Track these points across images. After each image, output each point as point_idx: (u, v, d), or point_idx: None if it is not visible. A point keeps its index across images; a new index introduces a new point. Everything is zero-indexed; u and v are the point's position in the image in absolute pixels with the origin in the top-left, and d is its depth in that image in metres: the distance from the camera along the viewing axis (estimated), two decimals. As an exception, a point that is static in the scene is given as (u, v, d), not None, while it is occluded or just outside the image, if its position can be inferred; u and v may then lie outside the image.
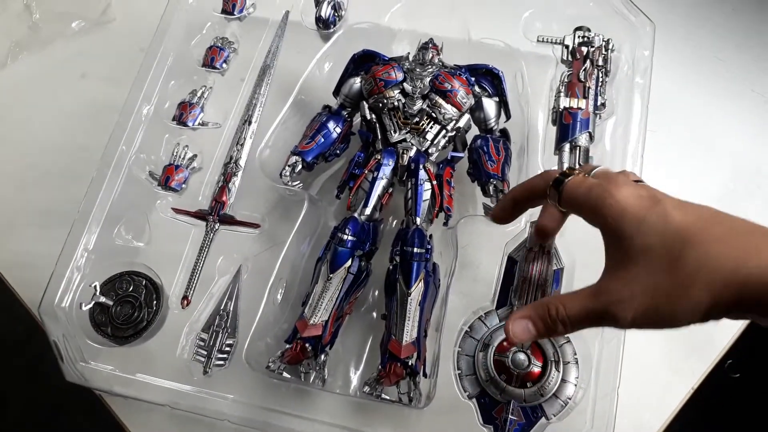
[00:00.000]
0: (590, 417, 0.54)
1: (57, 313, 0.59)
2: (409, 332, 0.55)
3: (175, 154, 0.68)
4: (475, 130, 0.65)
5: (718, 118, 0.75)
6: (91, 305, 0.59)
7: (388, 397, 0.54)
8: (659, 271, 0.33)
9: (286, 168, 0.63)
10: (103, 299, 0.60)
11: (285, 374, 0.56)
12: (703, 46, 0.79)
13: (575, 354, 0.55)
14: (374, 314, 0.62)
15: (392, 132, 0.61)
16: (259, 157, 0.68)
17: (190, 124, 0.69)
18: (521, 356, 0.54)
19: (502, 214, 0.47)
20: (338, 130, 0.64)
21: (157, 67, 0.70)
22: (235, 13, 0.74)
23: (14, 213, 0.74)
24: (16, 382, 1.27)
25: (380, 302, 0.61)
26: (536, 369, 0.54)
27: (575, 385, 0.54)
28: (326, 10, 0.71)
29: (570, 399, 0.54)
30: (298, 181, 0.66)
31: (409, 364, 0.54)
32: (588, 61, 0.64)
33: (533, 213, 0.60)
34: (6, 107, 0.81)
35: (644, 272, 0.34)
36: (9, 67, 0.83)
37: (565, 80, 0.64)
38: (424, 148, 0.61)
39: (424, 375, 0.56)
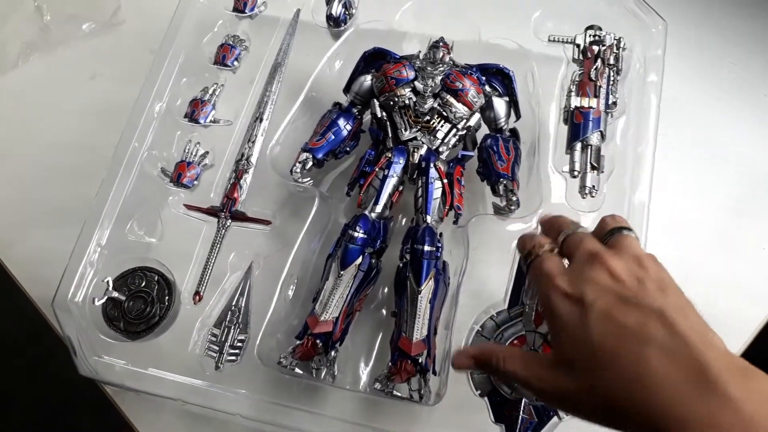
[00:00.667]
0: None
1: (70, 308, 0.59)
2: (420, 330, 0.55)
3: (186, 150, 0.68)
4: (485, 129, 0.65)
5: (729, 121, 0.75)
6: (103, 300, 0.60)
7: (399, 394, 0.54)
8: (575, 377, 0.36)
9: (297, 165, 0.63)
10: (115, 294, 0.60)
11: (297, 370, 0.56)
12: (714, 49, 0.79)
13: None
14: (384, 311, 0.62)
15: (403, 130, 0.62)
16: (269, 154, 0.68)
17: (201, 121, 0.69)
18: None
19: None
20: (348, 127, 0.65)
21: (169, 65, 0.70)
22: (247, 11, 0.74)
23: (24, 211, 0.75)
24: (24, 380, 1.28)
25: (390, 299, 0.62)
26: (547, 367, 0.54)
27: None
28: (337, 9, 0.71)
29: (581, 397, 0.54)
30: (309, 178, 0.66)
31: (419, 361, 0.54)
32: (599, 60, 0.64)
33: (544, 210, 0.61)
34: (17, 108, 0.81)
35: (568, 375, 0.36)
36: (20, 68, 0.84)
37: (576, 79, 0.64)
38: (434, 147, 0.61)
39: (434, 372, 0.56)
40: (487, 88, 0.63)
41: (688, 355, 0.33)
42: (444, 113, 0.61)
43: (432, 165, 0.60)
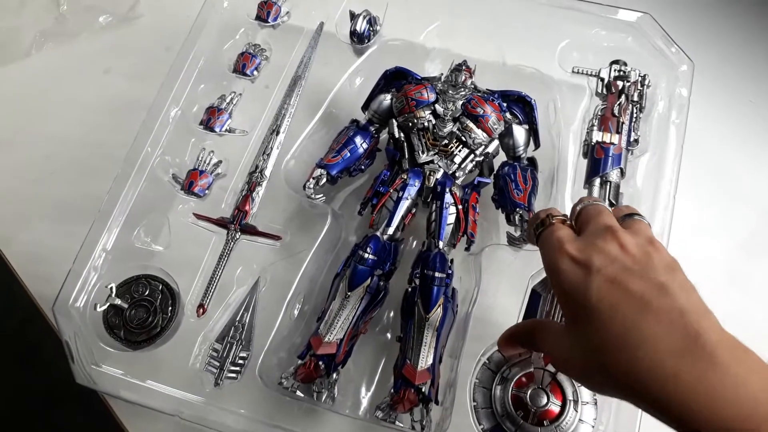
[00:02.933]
0: (606, 460, 0.53)
1: (71, 313, 0.58)
2: (425, 358, 0.54)
3: (200, 158, 0.67)
4: (502, 156, 0.64)
5: (747, 159, 0.74)
6: (105, 307, 0.59)
7: (401, 425, 0.53)
8: (577, 342, 0.37)
9: (311, 180, 0.62)
10: (118, 301, 0.59)
11: (298, 393, 0.55)
12: (735, 87, 0.78)
13: (595, 394, 0.54)
14: (388, 335, 0.61)
15: (420, 152, 0.61)
16: (284, 168, 0.67)
17: (217, 129, 0.68)
18: (540, 393, 0.53)
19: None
20: (365, 145, 0.64)
21: (187, 69, 0.69)
22: (270, 20, 0.74)
23: (29, 205, 0.74)
24: (15, 376, 1.26)
25: (395, 323, 0.61)
26: (554, 408, 0.53)
27: (592, 427, 0.53)
28: (361, 25, 0.71)
29: (586, 440, 0.53)
30: (321, 194, 0.65)
31: (422, 390, 0.53)
32: (623, 96, 0.63)
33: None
34: (26, 96, 0.80)
35: (574, 339, 0.38)
36: (33, 57, 0.83)
37: (599, 114, 0.64)
38: (451, 171, 0.60)
39: (436, 402, 0.55)
40: (508, 115, 0.63)
41: (682, 323, 0.33)
42: (463, 138, 0.60)
43: (447, 190, 0.59)
